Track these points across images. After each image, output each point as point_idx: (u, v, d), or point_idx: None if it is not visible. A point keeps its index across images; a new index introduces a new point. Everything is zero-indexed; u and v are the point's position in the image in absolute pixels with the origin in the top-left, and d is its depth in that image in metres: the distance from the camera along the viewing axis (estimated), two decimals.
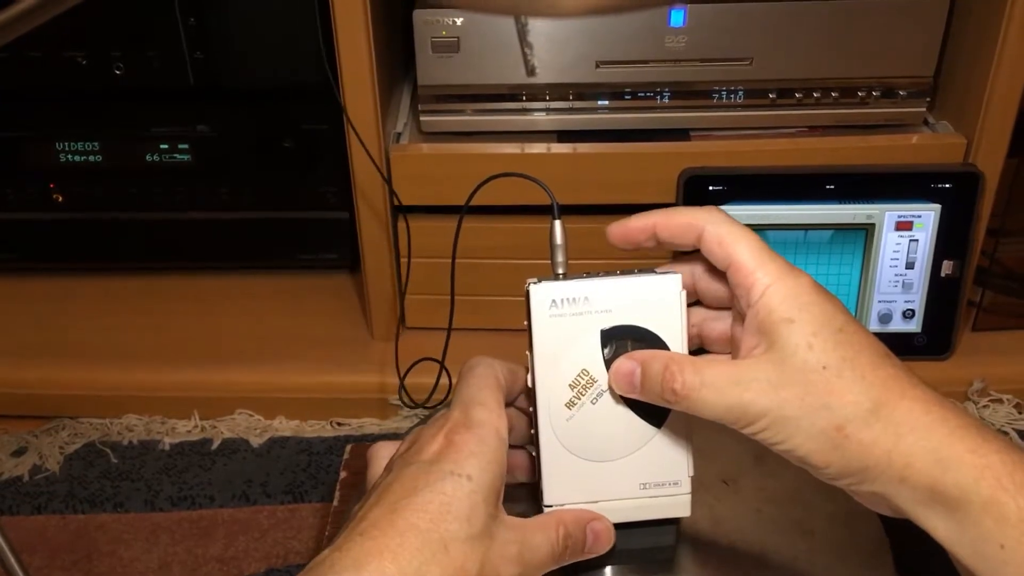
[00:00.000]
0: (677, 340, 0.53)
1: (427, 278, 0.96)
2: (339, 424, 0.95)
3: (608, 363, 0.52)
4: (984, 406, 0.93)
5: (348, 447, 0.88)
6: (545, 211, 0.55)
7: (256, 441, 0.93)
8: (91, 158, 1.00)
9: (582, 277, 0.53)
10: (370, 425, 0.94)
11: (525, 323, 0.53)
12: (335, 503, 0.82)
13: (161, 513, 0.85)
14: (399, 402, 0.94)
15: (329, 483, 0.87)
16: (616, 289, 0.52)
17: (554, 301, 0.52)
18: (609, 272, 0.53)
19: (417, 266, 0.96)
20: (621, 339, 0.52)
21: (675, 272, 0.53)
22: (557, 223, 0.55)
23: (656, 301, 0.52)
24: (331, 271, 1.10)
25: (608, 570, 0.56)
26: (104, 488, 0.88)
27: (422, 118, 0.92)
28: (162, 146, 0.99)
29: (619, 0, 0.22)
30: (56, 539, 0.83)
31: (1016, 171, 0.92)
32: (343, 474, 0.84)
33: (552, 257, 0.55)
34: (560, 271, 0.54)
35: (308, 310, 1.05)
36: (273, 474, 0.89)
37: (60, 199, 1.02)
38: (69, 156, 1.00)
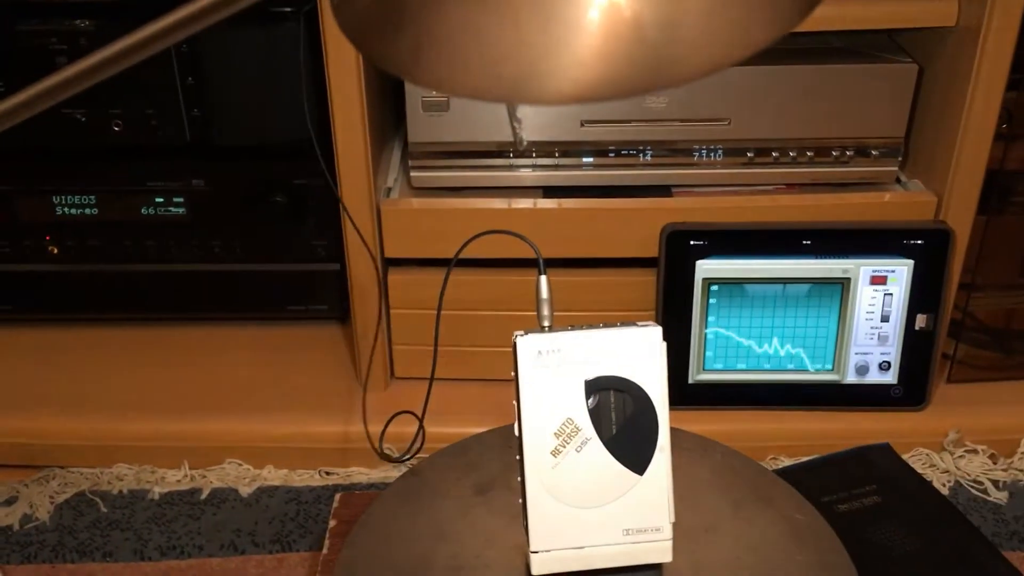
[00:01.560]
0: (657, 390, 0.55)
1: (416, 329, 0.98)
2: (328, 473, 0.96)
3: (592, 412, 0.54)
4: (960, 456, 0.95)
5: (337, 496, 0.89)
6: (532, 264, 0.58)
7: (245, 490, 0.94)
8: (87, 211, 1.02)
9: (567, 329, 0.55)
10: (359, 474, 0.96)
11: (512, 374, 0.55)
12: (324, 551, 0.83)
13: (150, 563, 0.86)
14: (385, 453, 0.95)
15: (318, 532, 0.88)
16: (599, 341, 0.55)
17: (540, 352, 0.54)
18: (592, 325, 0.55)
19: (407, 317, 0.98)
20: (605, 389, 0.55)
21: (655, 325, 0.55)
22: (543, 278, 0.57)
23: (638, 353, 0.55)
24: (322, 322, 1.11)
25: None
26: (94, 537, 0.89)
27: (412, 174, 0.95)
28: (157, 200, 1.01)
29: (601, 92, 0.25)
30: None
31: (986, 227, 0.95)
32: (332, 523, 0.85)
33: (538, 310, 0.57)
34: (546, 324, 0.57)
35: (298, 361, 1.07)
36: (262, 523, 0.90)
37: (55, 251, 1.04)
38: (66, 209, 1.02)
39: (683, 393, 0.97)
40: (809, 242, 0.92)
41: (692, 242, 0.93)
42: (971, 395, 0.99)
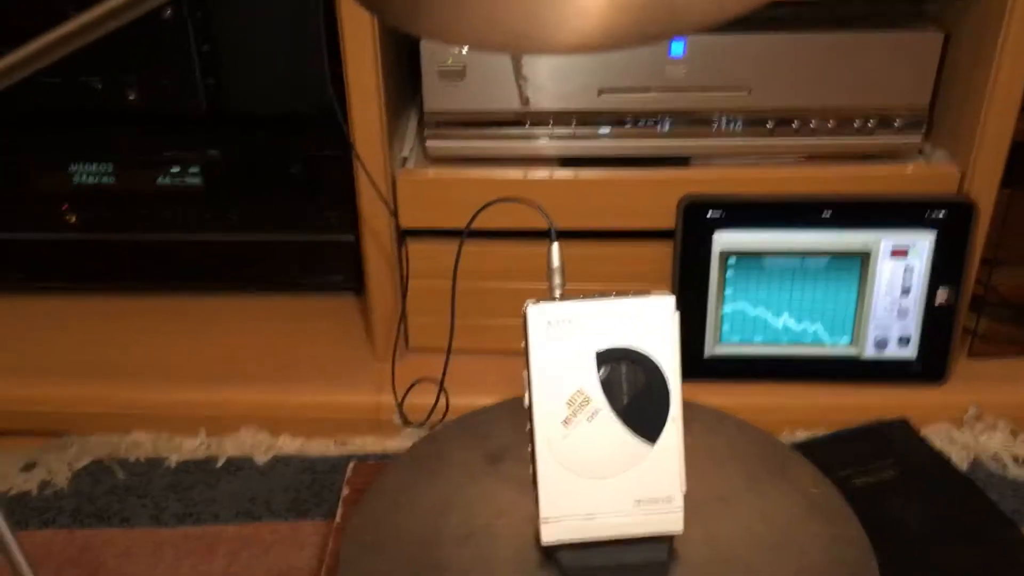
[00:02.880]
0: (670, 361, 0.54)
1: (431, 300, 0.98)
2: (343, 443, 0.96)
3: (603, 383, 0.54)
4: (979, 432, 0.94)
5: (351, 464, 0.90)
6: (547, 234, 0.57)
7: (261, 459, 0.94)
8: (104, 179, 1.02)
9: (579, 299, 0.54)
10: (373, 444, 0.96)
11: (523, 344, 0.54)
12: (337, 520, 0.83)
13: (166, 529, 0.87)
14: (398, 421, 0.95)
15: (332, 500, 0.89)
16: (611, 311, 0.54)
17: (551, 322, 0.54)
18: (604, 294, 0.55)
19: (421, 288, 0.98)
20: (616, 360, 0.54)
21: (668, 295, 0.54)
22: (555, 246, 0.56)
23: (650, 323, 0.54)
24: (337, 293, 1.11)
25: None
26: (111, 504, 0.89)
27: (428, 143, 0.94)
28: (173, 169, 1.01)
29: (607, 40, 0.24)
30: (63, 553, 0.84)
31: (1009, 201, 0.93)
32: (346, 491, 0.86)
33: (549, 280, 0.56)
34: (557, 293, 0.56)
35: (314, 331, 1.07)
36: (277, 491, 0.90)
37: (72, 220, 1.04)
38: (83, 178, 1.02)
39: (699, 366, 0.96)
40: (829, 214, 0.91)
41: (710, 214, 0.91)
42: (992, 370, 0.98)
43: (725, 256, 0.93)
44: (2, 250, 1.06)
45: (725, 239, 0.92)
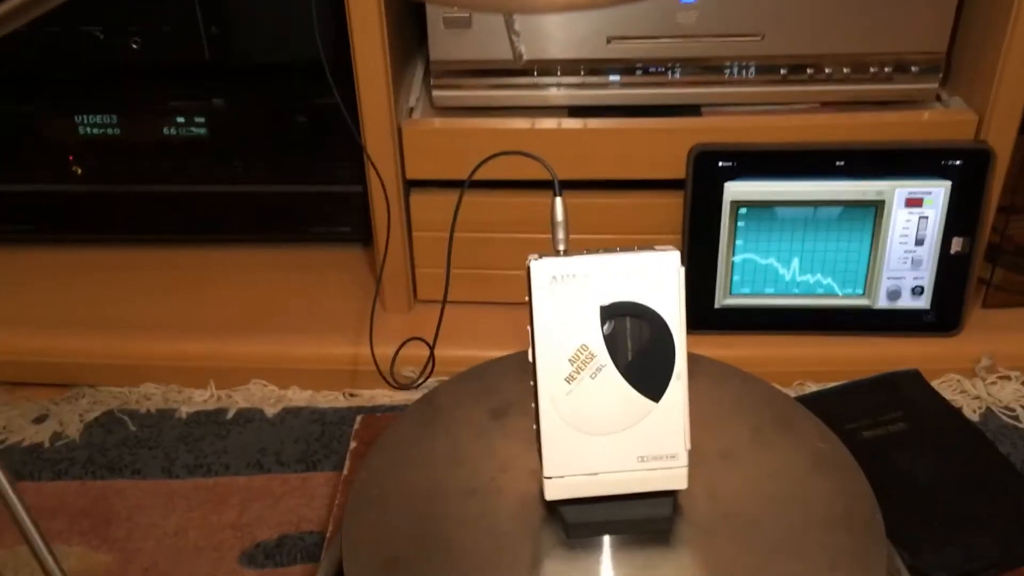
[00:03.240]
0: (675, 316, 0.53)
1: (439, 251, 0.97)
2: (351, 395, 0.97)
3: (607, 338, 0.53)
4: (992, 383, 0.93)
5: (359, 418, 0.90)
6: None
7: (270, 411, 0.95)
8: (109, 131, 1.01)
9: (582, 254, 0.54)
10: (382, 396, 0.96)
11: (526, 298, 0.54)
12: (346, 472, 0.84)
13: (177, 480, 0.87)
14: (399, 380, 0.95)
15: (341, 452, 0.89)
16: (615, 266, 0.53)
17: (554, 277, 0.53)
18: (609, 249, 0.54)
19: (429, 239, 0.97)
20: (620, 315, 0.53)
21: (673, 250, 0.54)
22: (558, 200, 0.55)
23: (654, 278, 0.53)
24: (344, 244, 1.11)
25: (606, 540, 0.57)
26: (122, 455, 0.90)
27: (434, 93, 0.93)
28: (179, 119, 1.00)
29: None
30: (75, 504, 0.85)
31: None
32: (354, 444, 0.86)
33: (553, 234, 0.55)
34: (561, 248, 0.55)
35: (323, 282, 1.06)
36: (287, 443, 0.91)
37: (79, 171, 1.04)
38: (88, 129, 1.01)
39: (710, 318, 0.95)
40: (842, 163, 0.89)
41: (721, 163, 0.90)
42: (1006, 320, 0.97)
43: (736, 206, 0.91)
44: (9, 202, 1.06)
45: (736, 189, 0.91)
